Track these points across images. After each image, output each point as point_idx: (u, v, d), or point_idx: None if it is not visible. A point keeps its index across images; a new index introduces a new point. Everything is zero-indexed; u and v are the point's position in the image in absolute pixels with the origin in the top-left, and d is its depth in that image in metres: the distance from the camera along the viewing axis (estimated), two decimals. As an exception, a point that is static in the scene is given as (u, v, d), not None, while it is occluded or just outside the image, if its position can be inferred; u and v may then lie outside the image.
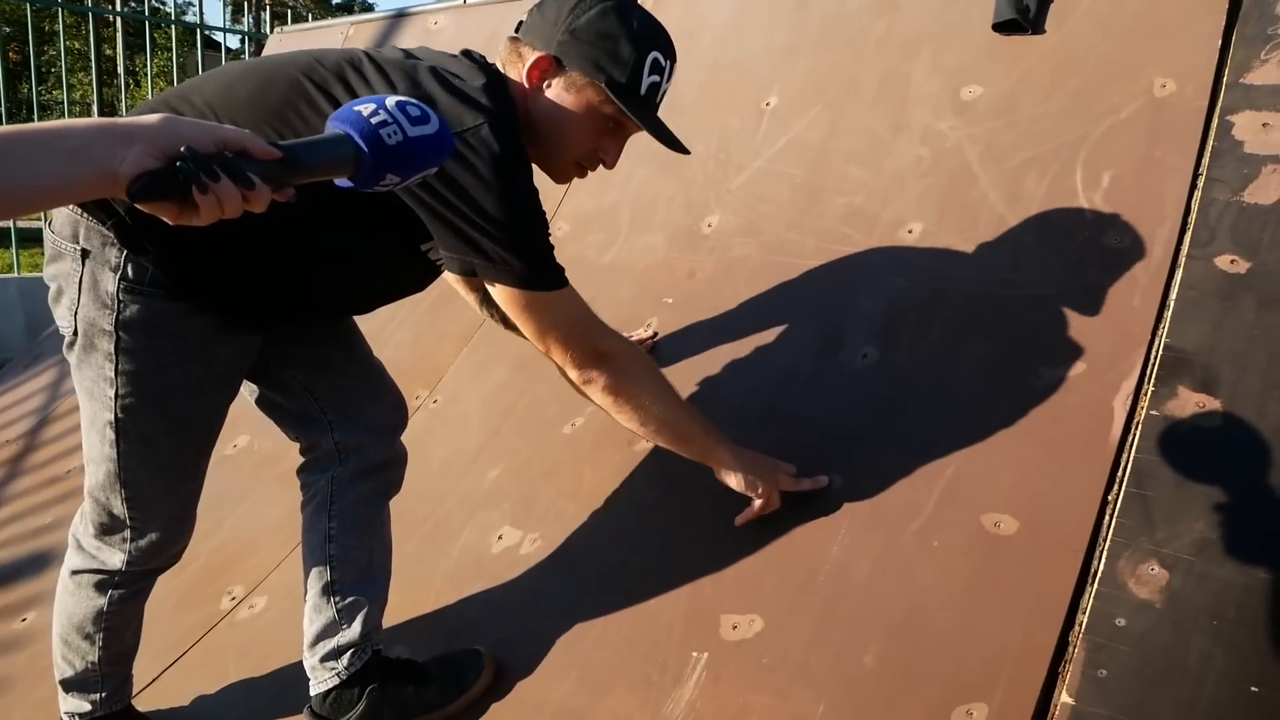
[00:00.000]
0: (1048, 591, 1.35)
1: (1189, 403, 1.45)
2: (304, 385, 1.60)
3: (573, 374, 1.48)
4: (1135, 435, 1.45)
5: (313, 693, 1.58)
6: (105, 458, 1.42)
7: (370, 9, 35.93)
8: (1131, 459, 1.43)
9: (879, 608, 1.44)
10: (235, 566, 2.07)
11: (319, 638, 1.58)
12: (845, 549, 1.53)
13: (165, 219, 0.80)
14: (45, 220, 1.40)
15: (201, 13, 6.69)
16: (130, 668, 1.64)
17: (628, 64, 1.37)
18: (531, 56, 1.40)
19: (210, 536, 2.09)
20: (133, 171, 0.76)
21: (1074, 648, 1.29)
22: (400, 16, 3.49)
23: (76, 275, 1.34)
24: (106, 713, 1.59)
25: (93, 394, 1.40)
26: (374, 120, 0.89)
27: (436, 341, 2.43)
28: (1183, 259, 1.61)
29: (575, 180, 1.56)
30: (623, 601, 1.62)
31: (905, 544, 1.49)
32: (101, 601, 1.52)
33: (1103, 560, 1.35)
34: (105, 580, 1.52)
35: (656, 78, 1.41)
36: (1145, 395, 1.49)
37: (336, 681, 1.56)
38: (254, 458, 2.36)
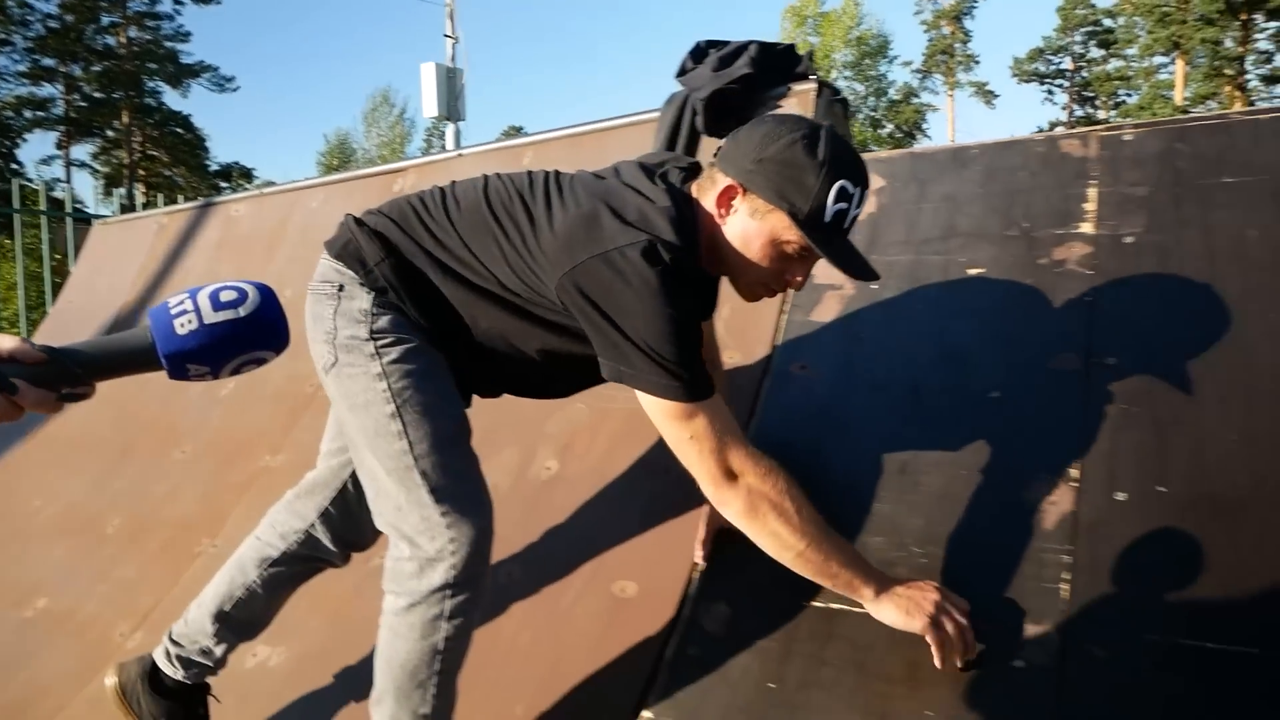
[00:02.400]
0: (651, 635, 1.74)
1: (761, 479, 1.89)
2: None
3: (706, 490, 1.46)
4: (724, 508, 1.88)
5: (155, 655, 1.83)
6: (399, 455, 1.48)
7: (249, 176, 36.53)
8: (715, 526, 1.85)
9: (533, 667, 1.80)
10: (26, 715, 2.29)
11: (174, 632, 1.84)
12: (517, 623, 1.89)
13: None
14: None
15: (70, 192, 6.86)
16: None
17: (811, 192, 1.38)
18: (723, 183, 1.45)
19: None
20: None
21: (660, 675, 1.67)
22: (207, 205, 3.91)
23: (332, 306, 1.52)
24: None
25: (368, 402, 1.50)
26: (174, 311, 0.87)
27: (221, 494, 2.74)
28: (771, 367, 2.09)
29: None
30: (358, 692, 1.92)
31: (559, 614, 1.87)
32: (437, 638, 1.49)
33: (687, 608, 1.75)
34: (438, 613, 1.48)
35: (844, 204, 1.40)
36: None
37: (167, 664, 1.81)
38: (51, 618, 2.60)
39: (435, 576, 1.47)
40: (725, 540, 1.82)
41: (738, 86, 2.41)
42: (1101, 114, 38.47)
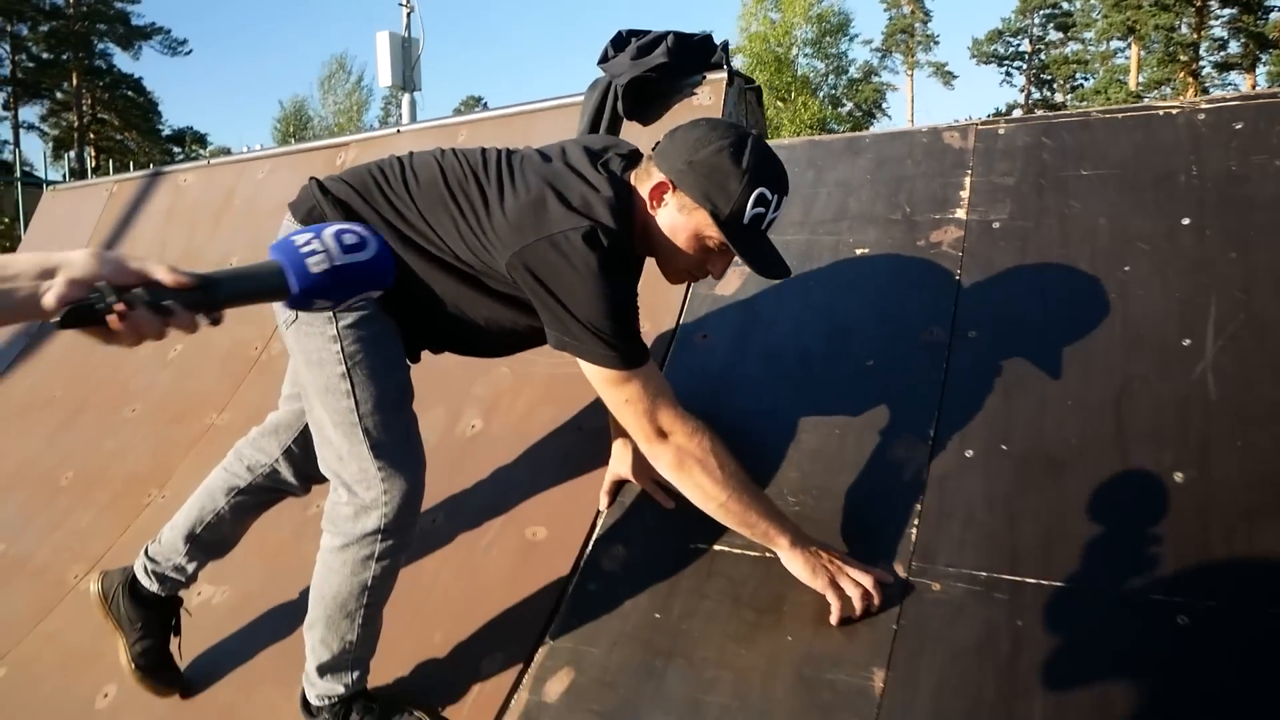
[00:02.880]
0: (557, 574, 1.94)
1: (662, 436, 2.10)
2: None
3: (641, 447, 1.66)
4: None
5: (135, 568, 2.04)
6: (346, 412, 1.65)
7: (203, 141, 35.96)
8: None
9: (452, 601, 1.99)
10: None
11: (149, 550, 2.03)
12: (438, 563, 2.09)
13: (101, 340, 0.90)
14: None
15: (19, 155, 6.85)
16: (372, 655, 1.79)
17: (733, 196, 1.53)
18: (657, 178, 1.59)
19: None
20: (53, 303, 0.85)
21: (562, 607, 1.87)
22: (156, 174, 4.01)
23: None
24: (355, 692, 1.76)
25: (321, 360, 1.65)
26: (304, 250, 0.95)
27: (169, 450, 2.89)
28: (676, 336, 2.29)
29: None
30: (293, 625, 2.11)
31: (476, 555, 2.07)
32: (366, 575, 1.68)
33: (589, 549, 1.95)
34: (369, 554, 1.67)
35: (762, 209, 1.56)
36: (640, 434, 2.13)
37: (145, 578, 2.02)
38: (8, 563, 2.74)
39: (369, 522, 1.66)
40: (626, 489, 2.03)
41: (654, 75, 2.60)
42: (1059, 97, 39.02)
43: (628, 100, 2.61)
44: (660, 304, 2.36)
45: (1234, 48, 32.55)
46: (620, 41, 2.69)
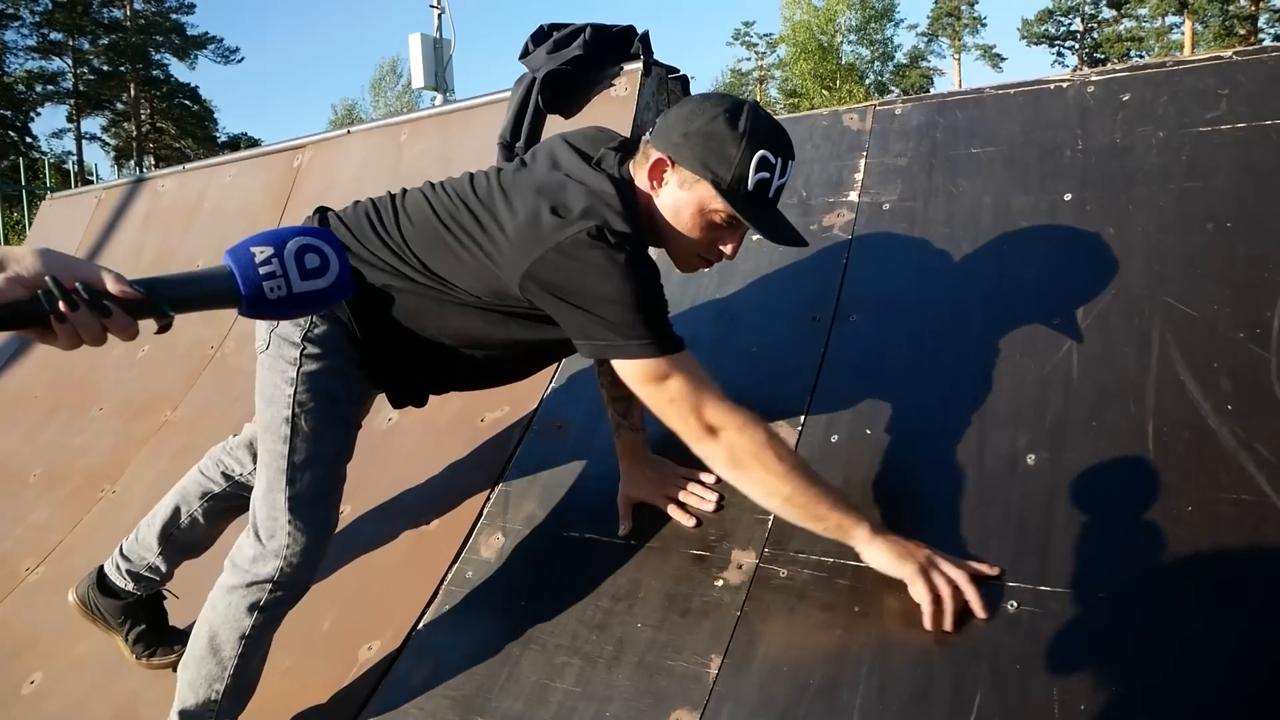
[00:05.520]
0: (442, 562, 1.97)
1: (550, 424, 2.12)
2: None
3: (692, 448, 1.55)
4: (516, 449, 2.11)
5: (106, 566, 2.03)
6: (277, 456, 1.62)
7: (257, 146, 36.77)
8: (510, 466, 2.08)
9: (345, 590, 2.04)
10: None
11: (124, 547, 2.04)
12: (339, 553, 2.12)
13: (36, 340, 0.87)
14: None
15: (81, 163, 7.11)
16: (243, 710, 1.75)
17: (733, 162, 1.46)
18: (654, 157, 1.53)
19: None
20: None
21: (439, 594, 1.91)
22: (139, 181, 4.14)
23: None
24: None
25: (272, 398, 1.63)
26: (262, 271, 0.91)
27: (125, 446, 3.00)
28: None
29: None
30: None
31: (373, 545, 2.11)
32: (246, 624, 1.65)
33: (472, 537, 1.98)
34: (255, 602, 1.64)
35: (765, 174, 1.48)
36: (531, 424, 2.16)
37: (117, 576, 2.01)
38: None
39: (264, 568, 1.64)
40: (515, 472, 2.05)
41: (570, 67, 2.61)
42: (1115, 75, 37.76)
43: (545, 93, 2.62)
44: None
45: (1298, 18, 31.30)
46: (540, 36, 2.71)
